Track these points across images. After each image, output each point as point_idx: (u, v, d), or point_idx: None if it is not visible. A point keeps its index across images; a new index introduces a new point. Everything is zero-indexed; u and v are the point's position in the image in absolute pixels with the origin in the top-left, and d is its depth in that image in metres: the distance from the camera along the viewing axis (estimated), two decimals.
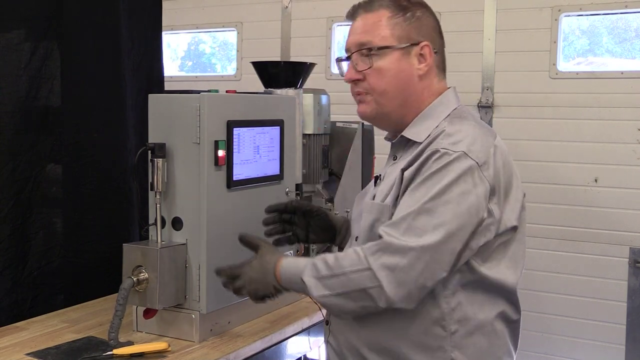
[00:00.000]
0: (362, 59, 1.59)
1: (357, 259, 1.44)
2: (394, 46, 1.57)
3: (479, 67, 3.98)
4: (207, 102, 1.90)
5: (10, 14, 2.23)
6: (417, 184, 1.46)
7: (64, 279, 2.35)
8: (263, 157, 2.11)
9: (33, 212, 2.27)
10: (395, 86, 1.58)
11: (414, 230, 1.41)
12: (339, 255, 1.50)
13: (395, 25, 1.58)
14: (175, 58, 5.44)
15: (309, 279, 1.50)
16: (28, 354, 1.83)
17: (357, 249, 1.46)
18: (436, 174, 1.44)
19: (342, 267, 1.46)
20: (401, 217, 1.43)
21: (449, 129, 1.52)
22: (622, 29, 3.92)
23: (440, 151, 1.46)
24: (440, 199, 1.42)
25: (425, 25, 1.60)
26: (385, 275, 1.40)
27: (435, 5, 1.69)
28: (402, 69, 1.58)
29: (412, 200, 1.44)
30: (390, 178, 1.58)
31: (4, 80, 2.20)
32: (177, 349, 1.88)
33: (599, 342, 3.76)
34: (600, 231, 3.75)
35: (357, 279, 1.43)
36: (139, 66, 2.70)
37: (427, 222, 1.41)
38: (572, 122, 3.80)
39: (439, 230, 1.40)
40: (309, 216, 1.89)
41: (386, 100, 1.59)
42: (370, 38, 1.58)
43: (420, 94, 1.60)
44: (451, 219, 1.41)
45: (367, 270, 1.42)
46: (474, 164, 1.44)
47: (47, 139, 2.32)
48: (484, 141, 1.50)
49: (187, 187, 1.94)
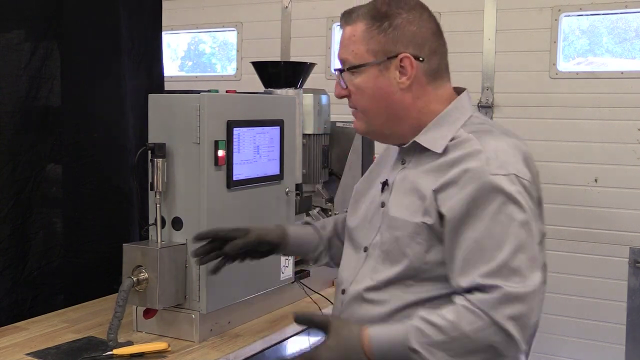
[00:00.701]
0: (343, 75, 1.55)
1: (474, 318, 1.35)
2: (369, 63, 1.50)
3: (479, 67, 3.98)
4: (207, 102, 1.90)
5: (10, 14, 2.23)
6: (489, 219, 1.37)
7: (64, 279, 2.35)
8: (263, 157, 2.11)
9: (33, 212, 2.27)
10: (376, 104, 1.53)
11: (517, 273, 1.35)
12: (445, 314, 1.38)
13: (370, 39, 1.50)
14: (175, 58, 5.44)
15: (420, 347, 1.37)
16: (28, 354, 1.83)
17: (467, 305, 1.36)
18: (506, 206, 1.37)
19: (459, 328, 1.35)
20: (499, 264, 1.35)
21: (487, 148, 1.43)
22: (622, 29, 3.92)
23: (492, 181, 1.38)
24: (522, 230, 1.37)
25: (406, 34, 1.49)
26: (513, 326, 1.34)
27: (435, 5, 1.67)
28: (380, 85, 1.51)
29: (495, 239, 1.37)
30: (405, 188, 1.51)
31: (4, 80, 2.20)
32: (177, 349, 1.88)
33: (599, 342, 3.76)
34: (600, 231, 3.75)
35: (481, 337, 1.35)
36: (139, 66, 2.70)
37: (523, 260, 1.36)
38: (572, 122, 3.80)
39: (537, 266, 1.38)
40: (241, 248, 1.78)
41: (371, 117, 1.55)
42: (347, 55, 1.53)
43: (410, 106, 1.52)
44: (537, 248, 1.40)
45: (492, 326, 1.34)
46: (526, 182, 1.41)
47: (47, 139, 2.32)
48: (521, 153, 1.46)
49: (187, 187, 1.94)
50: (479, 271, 1.37)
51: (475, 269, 1.37)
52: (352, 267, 1.60)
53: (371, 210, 1.61)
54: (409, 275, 1.47)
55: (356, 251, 1.62)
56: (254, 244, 1.76)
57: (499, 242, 1.37)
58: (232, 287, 2.01)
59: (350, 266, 1.62)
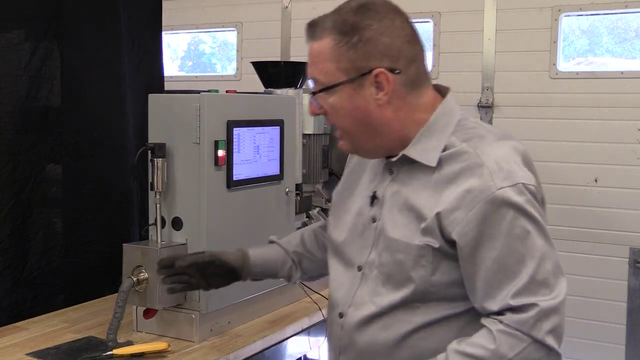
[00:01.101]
0: (316, 96, 1.43)
1: (515, 341, 1.30)
2: (342, 82, 1.38)
3: (479, 67, 3.97)
4: (207, 102, 1.90)
5: (10, 14, 2.23)
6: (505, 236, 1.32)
7: (64, 279, 2.35)
8: (263, 157, 2.11)
9: (33, 212, 2.27)
10: (355, 123, 1.41)
11: (545, 285, 1.32)
12: (482, 343, 1.32)
13: (339, 56, 1.37)
14: (175, 58, 5.44)
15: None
16: (28, 354, 1.83)
17: (504, 329, 1.31)
18: (518, 219, 1.32)
19: (502, 355, 1.31)
20: (527, 281, 1.31)
21: (486, 160, 1.35)
22: (622, 29, 3.92)
23: (500, 196, 1.31)
24: (539, 239, 1.33)
25: (379, 47, 1.37)
26: (553, 339, 1.33)
27: (435, 5, 1.66)
28: (357, 105, 1.39)
29: (516, 255, 1.32)
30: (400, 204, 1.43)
31: (4, 80, 2.20)
32: (177, 349, 1.88)
33: (599, 342, 3.75)
34: (600, 231, 3.74)
35: (521, 358, 1.31)
36: (139, 66, 2.70)
37: (548, 270, 1.33)
38: (572, 122, 3.79)
39: (560, 272, 1.36)
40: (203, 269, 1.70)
41: (353, 136, 1.44)
42: (316, 74, 1.41)
43: (393, 120, 1.41)
44: (555, 252, 1.38)
45: (532, 345, 1.31)
46: (533, 189, 1.36)
47: (47, 139, 2.32)
48: (520, 155, 1.42)
49: (187, 187, 1.93)
50: (506, 292, 1.32)
51: (502, 290, 1.32)
52: (347, 288, 1.50)
53: (360, 225, 1.51)
54: (415, 299, 1.41)
55: (347, 269, 1.52)
56: (205, 263, 1.68)
57: (520, 258, 1.32)
58: (232, 287, 2.00)
59: (344, 286, 1.52)
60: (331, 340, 1.56)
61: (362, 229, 1.50)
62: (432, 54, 4.10)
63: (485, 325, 1.34)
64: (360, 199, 1.54)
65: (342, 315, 1.50)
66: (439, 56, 4.08)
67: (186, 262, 1.68)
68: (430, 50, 4.13)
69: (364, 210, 1.51)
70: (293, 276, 1.76)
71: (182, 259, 1.70)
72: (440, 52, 4.08)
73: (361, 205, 1.53)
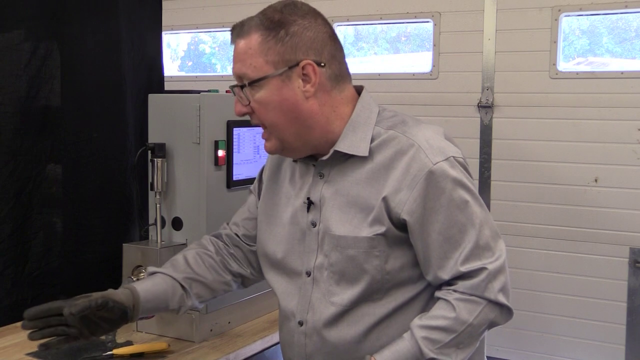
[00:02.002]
0: (243, 91, 1.47)
1: (473, 305, 1.41)
2: (270, 74, 1.43)
3: (479, 67, 3.98)
4: (207, 102, 1.90)
5: (10, 14, 2.23)
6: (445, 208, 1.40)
7: (64, 279, 2.35)
8: (263, 157, 2.11)
9: (33, 212, 2.27)
10: (283, 116, 1.45)
11: (486, 248, 1.42)
12: (443, 314, 1.41)
13: (268, 50, 1.42)
14: (175, 58, 5.44)
15: (436, 354, 1.39)
16: (28, 354, 1.83)
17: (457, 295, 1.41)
18: (456, 190, 1.40)
19: (464, 321, 1.40)
20: (471, 247, 1.40)
21: (417, 140, 1.43)
22: (622, 29, 3.92)
23: (435, 170, 1.40)
24: (476, 206, 1.42)
25: (304, 40, 1.43)
26: (503, 296, 1.42)
27: (435, 5, 1.68)
28: (286, 97, 1.44)
29: (459, 225, 1.41)
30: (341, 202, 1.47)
31: (4, 80, 2.20)
32: (177, 349, 1.88)
33: (599, 342, 3.76)
34: (600, 231, 3.75)
35: (482, 319, 1.42)
36: (139, 66, 2.70)
37: (487, 234, 1.42)
38: (572, 122, 3.80)
39: (498, 235, 1.45)
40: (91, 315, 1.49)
41: (281, 131, 1.47)
42: (245, 70, 1.44)
43: (318, 113, 1.46)
44: (492, 219, 1.46)
45: (487, 305, 1.42)
46: (462, 161, 1.46)
47: (47, 139, 2.32)
48: (442, 134, 1.50)
49: (187, 187, 1.94)
50: (454, 260, 1.41)
51: (450, 259, 1.41)
52: (300, 296, 1.53)
53: (297, 233, 1.54)
54: (373, 290, 1.45)
55: (293, 278, 1.55)
56: (100, 304, 1.49)
57: (462, 227, 1.41)
58: None
59: (295, 295, 1.54)
60: (292, 350, 1.57)
61: (301, 236, 1.53)
62: (432, 54, 4.11)
63: (441, 297, 1.43)
64: (290, 209, 1.57)
65: (302, 323, 1.53)
66: (439, 56, 4.08)
67: (77, 308, 1.45)
68: (430, 50, 4.13)
69: (298, 219, 1.54)
70: (184, 305, 1.65)
71: (72, 305, 1.46)
72: (440, 52, 4.08)
73: (293, 213, 1.56)
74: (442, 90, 4.02)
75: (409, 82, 4.17)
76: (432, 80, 4.08)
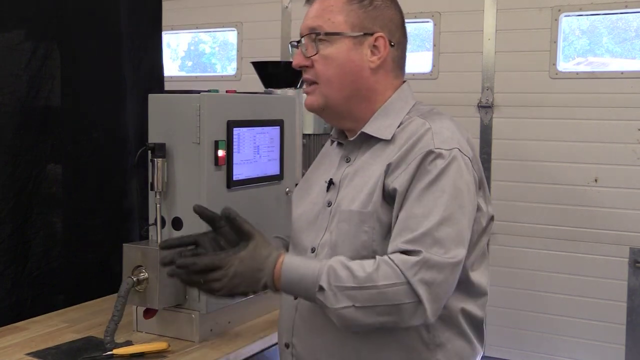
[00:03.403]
0: (310, 44, 1.50)
1: (391, 273, 1.33)
2: (345, 33, 1.48)
3: (479, 67, 3.98)
4: (207, 102, 1.90)
5: (10, 14, 2.23)
6: (422, 189, 1.38)
7: (64, 279, 2.35)
8: (263, 157, 2.11)
9: (33, 212, 2.27)
10: (341, 76, 1.49)
11: (440, 243, 1.34)
12: (364, 265, 1.36)
13: (350, 11, 1.48)
14: (175, 58, 5.44)
15: (328, 287, 1.34)
16: (28, 354, 1.83)
17: (387, 261, 1.34)
18: (440, 178, 1.38)
19: (373, 280, 1.33)
20: (423, 232, 1.35)
21: (434, 126, 1.44)
22: (622, 29, 3.92)
23: (435, 152, 1.39)
24: (453, 203, 1.37)
25: (384, 16, 1.50)
26: (425, 290, 1.32)
27: (435, 5, 1.69)
28: (352, 58, 1.48)
29: (424, 208, 1.36)
30: (358, 182, 1.48)
31: (4, 80, 2.20)
32: (177, 349, 1.88)
33: (599, 342, 3.76)
34: (600, 231, 3.75)
35: (390, 293, 1.33)
36: (139, 66, 2.70)
37: (449, 232, 1.36)
38: (572, 122, 3.80)
39: (462, 241, 1.38)
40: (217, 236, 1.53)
41: (332, 90, 1.50)
42: (321, 23, 1.49)
43: (372, 88, 1.51)
44: (466, 224, 1.40)
45: (404, 285, 1.32)
46: (467, 160, 1.43)
47: (47, 139, 2.32)
48: (464, 136, 1.49)
49: (187, 187, 1.94)
50: (403, 238, 1.36)
51: (401, 237, 1.37)
52: None
53: (314, 212, 1.56)
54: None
55: (301, 254, 1.54)
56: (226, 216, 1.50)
57: (426, 212, 1.36)
58: None
59: None
60: (282, 324, 1.59)
61: (316, 214, 1.55)
62: (432, 54, 4.11)
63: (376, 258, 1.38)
64: (316, 191, 1.60)
65: (297, 297, 1.51)
66: (439, 56, 4.08)
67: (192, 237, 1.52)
68: (430, 50, 4.13)
69: (318, 198, 1.57)
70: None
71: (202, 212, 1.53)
72: (440, 52, 4.08)
73: (316, 194, 1.59)
74: (442, 90, 4.02)
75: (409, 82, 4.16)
76: (432, 80, 4.08)
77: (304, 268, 1.39)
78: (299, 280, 1.38)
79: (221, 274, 1.38)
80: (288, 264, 1.40)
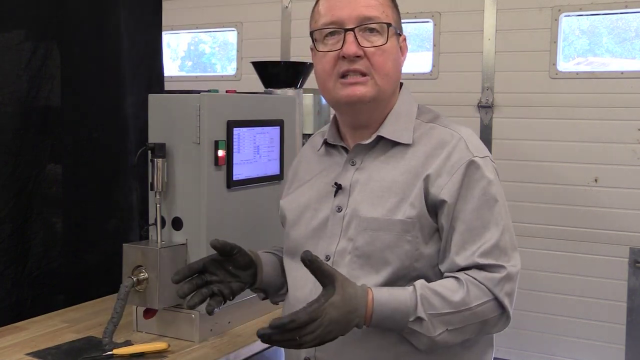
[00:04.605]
0: (365, 35, 1.45)
1: (481, 293, 1.37)
2: (396, 29, 1.49)
3: (479, 67, 3.98)
4: (207, 102, 1.90)
5: (10, 14, 2.23)
6: (475, 200, 1.41)
7: (64, 279, 2.35)
8: (263, 157, 2.11)
9: (33, 212, 2.27)
10: (396, 71, 1.50)
11: (505, 253, 1.40)
12: (450, 287, 1.37)
13: (393, 9, 1.51)
14: (175, 58, 5.44)
15: (426, 317, 1.34)
16: (28, 354, 1.83)
17: (473, 281, 1.37)
18: (490, 187, 1.42)
19: (466, 303, 1.36)
20: (493, 244, 1.39)
21: (462, 132, 1.47)
22: (622, 29, 3.92)
23: (476, 161, 1.42)
24: (503, 210, 1.43)
25: (400, 21, 1.55)
26: (508, 302, 1.39)
27: (435, 5, 1.69)
28: (398, 55, 1.51)
29: (483, 220, 1.40)
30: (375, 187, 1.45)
31: (4, 80, 2.20)
32: (177, 349, 1.88)
33: (599, 342, 3.76)
34: (600, 231, 3.75)
35: (480, 311, 1.37)
36: (139, 66, 2.70)
37: (508, 240, 1.41)
38: (572, 122, 3.80)
39: (516, 246, 1.44)
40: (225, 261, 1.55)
41: (387, 83, 1.48)
42: (378, 14, 1.45)
43: (397, 86, 1.55)
44: (512, 229, 1.45)
45: (492, 302, 1.38)
46: (495, 165, 1.49)
47: (47, 139, 2.32)
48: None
49: (187, 187, 1.94)
50: (472, 251, 1.39)
51: (468, 250, 1.39)
52: (314, 282, 1.37)
53: (318, 219, 1.52)
54: (398, 277, 1.41)
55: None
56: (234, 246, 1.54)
57: (485, 223, 1.40)
58: None
59: (308, 283, 1.47)
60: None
61: (323, 220, 1.51)
62: (432, 54, 4.11)
63: (453, 275, 1.40)
64: (315, 193, 1.56)
65: None
66: (439, 56, 4.08)
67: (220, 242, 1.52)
68: (430, 50, 4.13)
69: (322, 204, 1.53)
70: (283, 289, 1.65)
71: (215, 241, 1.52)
72: (440, 52, 4.08)
73: (317, 199, 1.55)
74: (442, 90, 4.02)
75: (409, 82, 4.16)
76: (432, 80, 4.08)
77: (394, 302, 1.35)
78: (391, 314, 1.35)
79: (316, 325, 1.29)
80: (378, 300, 1.35)
